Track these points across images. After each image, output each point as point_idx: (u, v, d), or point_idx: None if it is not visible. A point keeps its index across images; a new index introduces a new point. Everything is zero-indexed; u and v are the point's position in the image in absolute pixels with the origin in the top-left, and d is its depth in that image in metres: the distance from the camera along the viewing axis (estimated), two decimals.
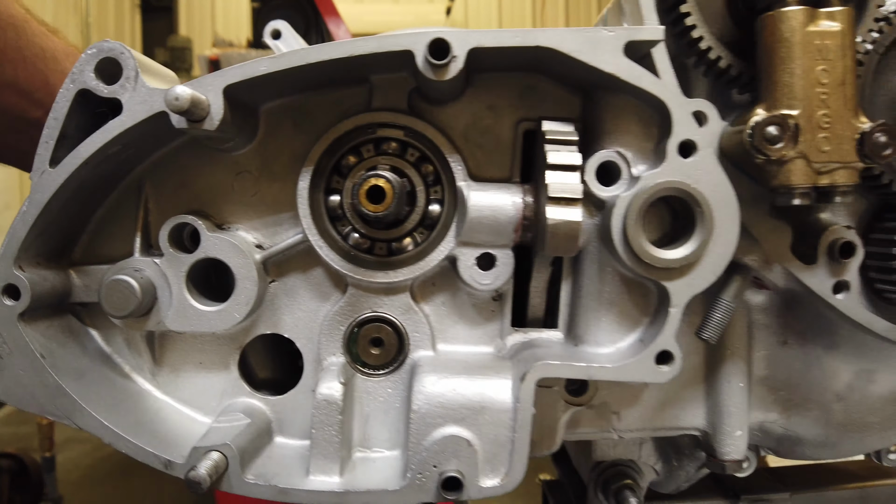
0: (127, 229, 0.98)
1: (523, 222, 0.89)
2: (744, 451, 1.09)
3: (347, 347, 0.99)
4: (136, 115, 0.84)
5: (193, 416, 1.01)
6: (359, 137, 0.94)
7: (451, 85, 0.86)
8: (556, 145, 0.84)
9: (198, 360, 1.02)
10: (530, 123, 0.95)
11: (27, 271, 0.89)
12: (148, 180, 0.98)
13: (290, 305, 1.00)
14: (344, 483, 0.92)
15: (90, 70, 0.85)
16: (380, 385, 1.00)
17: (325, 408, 0.92)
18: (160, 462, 0.91)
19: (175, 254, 0.94)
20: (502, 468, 0.90)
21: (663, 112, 0.86)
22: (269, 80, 0.85)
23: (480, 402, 0.91)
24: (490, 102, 0.95)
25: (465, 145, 0.96)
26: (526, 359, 0.92)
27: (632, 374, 0.88)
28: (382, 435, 1.00)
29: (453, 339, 1.00)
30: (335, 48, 0.83)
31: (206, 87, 0.82)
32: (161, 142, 0.95)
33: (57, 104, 0.86)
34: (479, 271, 0.94)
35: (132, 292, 0.90)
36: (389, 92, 0.94)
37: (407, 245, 0.95)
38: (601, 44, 0.82)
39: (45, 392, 0.90)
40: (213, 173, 0.98)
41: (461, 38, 0.81)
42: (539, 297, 0.97)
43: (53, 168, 0.86)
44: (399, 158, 0.94)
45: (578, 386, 1.04)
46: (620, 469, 1.29)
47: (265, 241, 0.98)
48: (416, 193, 0.94)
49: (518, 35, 0.82)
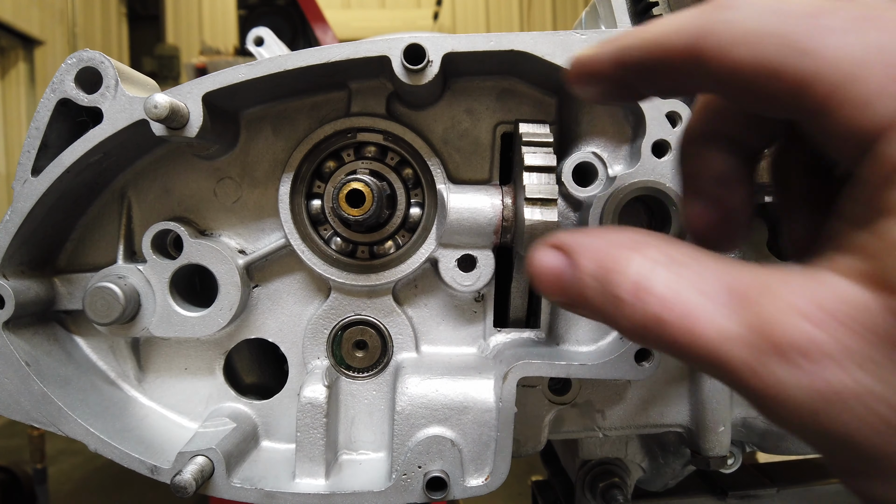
0: (110, 237, 0.99)
1: (502, 223, 0.90)
2: (727, 447, 1.10)
3: (332, 350, 1.00)
4: (116, 124, 0.85)
5: (179, 422, 1.01)
6: (339, 142, 0.95)
7: (429, 89, 0.87)
8: (533, 147, 0.85)
9: (183, 366, 1.02)
10: (508, 126, 0.96)
11: (11, 280, 0.89)
12: (130, 188, 0.98)
13: (274, 310, 1.01)
14: (330, 485, 0.93)
15: (70, 79, 0.86)
16: (364, 387, 1.01)
17: (310, 411, 0.93)
18: (146, 467, 0.91)
19: (158, 260, 0.94)
20: (487, 467, 0.91)
21: (637, 113, 0.87)
22: (247, 87, 0.86)
23: (463, 402, 0.92)
24: (468, 106, 0.96)
25: (444, 148, 0.97)
26: (508, 359, 0.93)
27: (612, 371, 0.89)
28: (367, 437, 1.01)
29: (436, 340, 1.01)
30: (312, 55, 0.84)
31: (185, 94, 0.83)
32: (142, 149, 0.96)
33: (38, 114, 0.87)
34: (461, 273, 0.95)
35: (116, 299, 0.90)
36: (368, 97, 0.95)
37: (389, 248, 0.96)
38: (574, 47, 0.83)
39: (31, 399, 0.91)
40: (195, 180, 0.99)
41: (436, 44, 0.82)
42: (520, 297, 0.98)
43: (35, 177, 0.87)
44: (379, 162, 0.95)
45: (561, 385, 1.05)
46: (607, 468, 1.30)
47: (248, 247, 0.99)
48: (397, 197, 0.95)
49: (492, 39, 0.83)
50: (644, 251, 0.52)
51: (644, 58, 0.56)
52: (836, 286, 0.43)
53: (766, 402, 0.45)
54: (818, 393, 0.43)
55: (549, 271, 0.58)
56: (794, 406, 0.44)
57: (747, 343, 0.45)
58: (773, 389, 0.44)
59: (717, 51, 0.49)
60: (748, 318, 0.45)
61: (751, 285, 0.46)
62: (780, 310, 0.44)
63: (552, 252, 0.59)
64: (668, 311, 0.48)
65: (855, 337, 0.42)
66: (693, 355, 0.47)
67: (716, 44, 0.49)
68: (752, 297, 0.46)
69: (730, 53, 0.48)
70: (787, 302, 0.44)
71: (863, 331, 0.42)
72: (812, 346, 0.43)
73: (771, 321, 0.44)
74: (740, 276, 0.47)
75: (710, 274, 0.48)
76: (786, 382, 0.43)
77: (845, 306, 0.42)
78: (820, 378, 0.42)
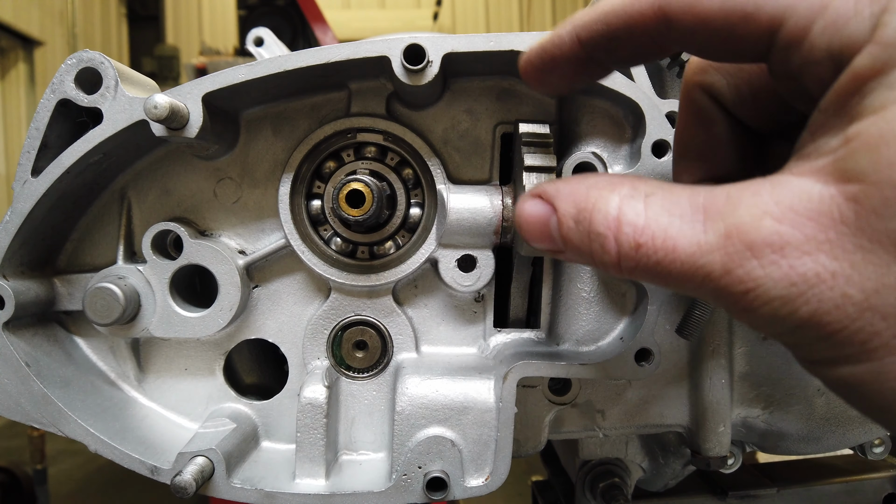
0: (110, 237, 0.99)
1: (503, 223, 0.90)
2: (727, 447, 1.10)
3: (332, 351, 1.00)
4: (116, 124, 0.85)
5: (179, 422, 1.01)
6: (339, 142, 0.95)
7: (428, 90, 0.87)
8: (533, 147, 0.85)
9: (183, 367, 1.02)
10: (508, 126, 0.96)
11: (11, 280, 0.89)
12: (130, 188, 0.98)
13: (274, 310, 1.01)
14: (330, 486, 0.93)
15: (70, 80, 0.86)
16: (364, 388, 1.01)
17: (310, 411, 0.93)
18: (146, 468, 0.91)
19: (158, 261, 0.94)
20: (487, 468, 0.91)
21: (637, 113, 0.87)
22: (247, 88, 0.86)
23: (463, 403, 0.92)
24: (468, 106, 0.96)
25: (444, 149, 0.97)
26: (508, 359, 0.93)
27: (612, 371, 0.89)
28: (368, 437, 1.01)
29: (436, 340, 1.01)
30: (311, 55, 0.84)
31: (185, 95, 0.83)
32: (142, 150, 0.96)
33: (38, 114, 0.87)
34: (461, 273, 0.95)
35: (116, 300, 0.90)
36: (368, 97, 0.95)
37: (389, 248, 0.96)
38: None
39: (31, 400, 0.91)
40: (195, 180, 0.99)
41: (436, 44, 0.82)
42: (520, 297, 0.98)
43: (35, 177, 0.87)
44: (379, 163, 0.95)
45: (561, 385, 1.05)
46: (608, 468, 1.30)
47: (248, 247, 0.99)
48: (397, 197, 0.95)
49: (492, 39, 0.83)
50: (618, 189, 0.56)
51: (607, 29, 0.59)
52: (797, 185, 0.48)
53: (742, 300, 0.49)
54: (789, 281, 0.47)
55: (533, 219, 0.62)
56: (767, 298, 0.48)
57: (722, 249, 0.49)
58: (748, 286, 0.48)
59: (684, 5, 0.53)
60: (720, 227, 0.49)
61: (718, 199, 0.51)
62: (747, 214, 0.48)
63: (535, 201, 0.63)
64: (646, 236, 0.52)
65: (818, 227, 0.46)
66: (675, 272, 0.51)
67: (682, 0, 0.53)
68: (721, 209, 0.50)
69: (697, 6, 0.53)
70: (753, 206, 0.48)
71: (825, 220, 0.46)
72: (780, 241, 0.47)
73: (740, 225, 0.48)
74: (708, 194, 0.51)
75: (679, 198, 0.53)
76: (759, 278, 0.48)
77: (807, 201, 0.47)
78: (789, 268, 0.47)
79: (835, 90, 0.48)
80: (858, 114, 0.46)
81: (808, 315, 0.47)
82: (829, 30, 0.47)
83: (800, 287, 0.47)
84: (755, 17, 0.50)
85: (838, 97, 0.48)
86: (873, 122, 0.45)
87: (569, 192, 0.60)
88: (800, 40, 0.49)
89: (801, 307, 0.47)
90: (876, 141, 0.44)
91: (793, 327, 0.49)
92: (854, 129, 0.46)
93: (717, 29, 0.53)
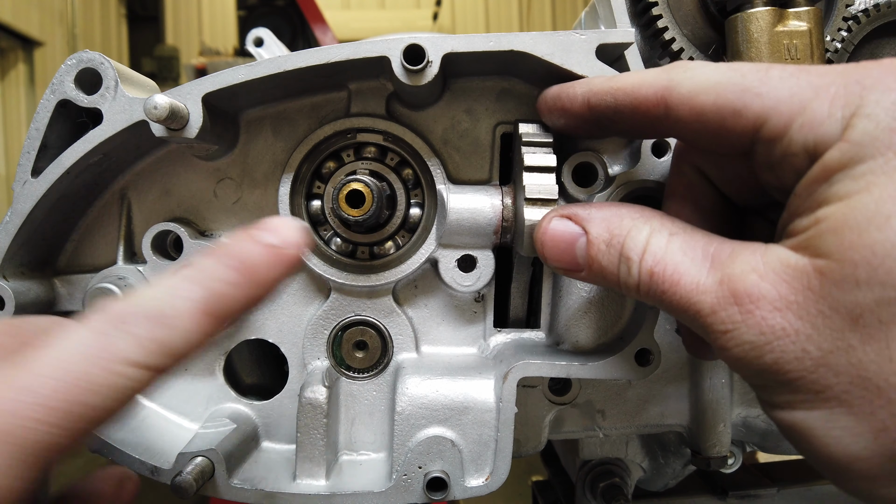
0: (110, 238, 0.99)
1: (502, 223, 0.90)
2: (727, 447, 1.10)
3: (332, 351, 1.00)
4: (116, 125, 0.85)
5: (179, 423, 1.01)
6: (338, 143, 0.95)
7: (428, 90, 0.87)
8: (533, 147, 0.85)
9: (183, 367, 1.02)
10: (508, 126, 0.96)
11: (11, 281, 0.89)
12: (130, 189, 0.98)
13: (274, 310, 1.01)
14: (330, 486, 0.93)
15: (70, 80, 0.86)
16: (364, 388, 1.01)
17: (310, 411, 0.93)
18: (146, 468, 0.91)
19: (158, 261, 0.94)
20: (487, 467, 0.91)
21: None
22: (247, 88, 0.86)
23: (464, 403, 0.92)
24: (467, 106, 0.96)
25: (443, 149, 0.97)
26: (508, 359, 0.93)
27: (612, 371, 0.89)
28: (368, 437, 1.01)
29: (437, 340, 1.01)
30: (311, 55, 0.84)
31: (185, 95, 0.83)
32: (142, 151, 0.96)
33: (38, 115, 0.87)
34: (461, 273, 0.95)
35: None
36: (368, 97, 0.95)
37: (389, 248, 0.96)
38: (573, 47, 0.83)
39: None
40: (195, 181, 0.99)
41: (436, 44, 0.82)
42: (520, 297, 0.98)
43: (35, 178, 0.87)
44: (379, 163, 0.95)
45: (561, 385, 1.06)
46: (608, 468, 1.30)
47: None
48: (397, 197, 0.95)
49: (492, 39, 0.83)
50: (650, 222, 0.66)
51: (615, 103, 0.69)
52: (781, 252, 0.57)
53: (721, 339, 0.58)
54: (759, 330, 0.55)
55: (559, 237, 0.72)
56: (740, 341, 0.57)
57: (714, 293, 0.58)
58: (727, 327, 0.57)
59: (683, 98, 0.62)
60: (718, 274, 0.59)
61: (724, 251, 0.60)
62: (739, 268, 0.58)
63: (564, 220, 0.72)
64: (659, 267, 0.62)
65: (791, 289, 0.54)
66: (674, 303, 0.61)
67: (682, 93, 0.62)
68: (724, 259, 0.59)
69: (694, 100, 0.62)
70: (746, 262, 0.58)
71: (797, 284, 0.54)
72: (758, 294, 0.56)
73: (732, 276, 0.58)
74: (719, 245, 0.61)
75: (696, 243, 0.62)
76: (736, 322, 0.57)
77: (785, 266, 0.55)
78: (762, 318, 0.55)
79: (808, 178, 0.56)
80: (826, 199, 0.54)
81: (772, 361, 0.55)
82: (805, 128, 0.56)
83: (768, 337, 0.55)
84: (743, 113, 0.59)
85: (811, 184, 0.56)
86: (839, 207, 0.53)
87: (602, 218, 0.69)
88: (781, 136, 0.57)
89: (767, 354, 0.55)
90: (840, 224, 0.52)
91: (759, 370, 0.57)
92: (822, 212, 0.54)
93: (710, 121, 0.61)
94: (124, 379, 0.54)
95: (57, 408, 0.51)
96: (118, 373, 0.54)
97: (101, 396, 0.53)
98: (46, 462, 0.51)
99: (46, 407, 0.51)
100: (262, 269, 0.63)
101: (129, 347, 0.55)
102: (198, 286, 0.59)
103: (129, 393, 0.55)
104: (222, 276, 0.61)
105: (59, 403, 0.51)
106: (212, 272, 0.61)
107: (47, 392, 0.51)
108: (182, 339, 0.58)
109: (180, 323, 0.57)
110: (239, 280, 0.61)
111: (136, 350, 0.55)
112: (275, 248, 0.64)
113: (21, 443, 0.50)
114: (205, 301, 0.59)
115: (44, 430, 0.51)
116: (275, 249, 0.64)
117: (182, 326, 0.58)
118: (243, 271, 0.61)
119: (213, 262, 0.61)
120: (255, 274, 0.62)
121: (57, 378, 0.52)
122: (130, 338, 0.55)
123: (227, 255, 0.62)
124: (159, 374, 0.57)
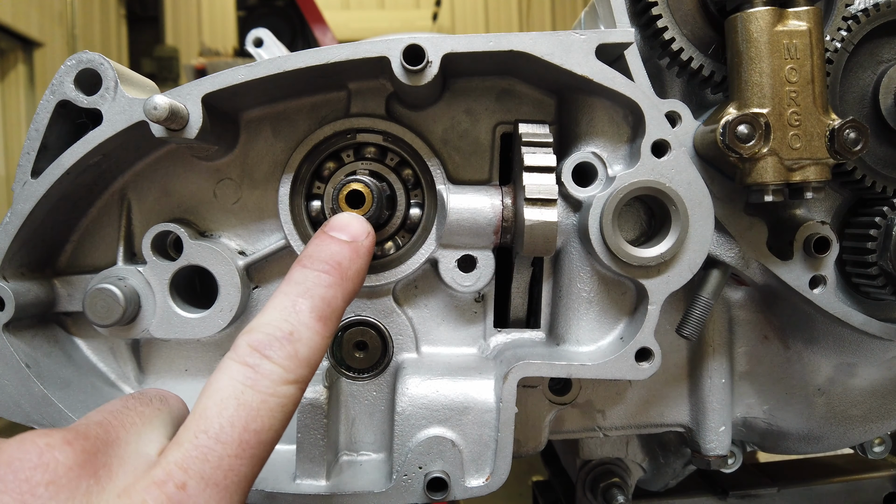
0: (110, 238, 0.99)
1: (502, 224, 0.90)
2: (728, 447, 1.10)
3: (332, 351, 0.99)
4: (116, 125, 0.85)
5: None
6: (338, 143, 0.95)
7: (428, 90, 0.87)
8: (533, 147, 0.85)
9: (183, 367, 1.02)
10: (507, 126, 0.96)
11: (11, 282, 0.89)
12: (130, 189, 0.98)
13: None
14: (330, 486, 0.93)
15: (70, 81, 0.86)
16: (365, 388, 1.01)
17: (310, 412, 0.93)
18: None
19: (158, 262, 0.94)
20: (487, 468, 0.91)
21: (637, 113, 0.87)
22: (247, 88, 0.86)
23: (464, 403, 0.92)
24: (467, 106, 0.96)
25: (443, 149, 0.97)
26: (508, 359, 0.93)
27: (612, 371, 0.89)
28: (368, 437, 1.01)
29: (437, 340, 1.01)
30: (311, 56, 0.84)
31: (185, 96, 0.83)
32: (142, 151, 0.96)
33: (38, 115, 0.87)
34: (461, 273, 0.95)
35: (116, 301, 0.90)
36: (367, 98, 0.95)
37: (389, 249, 0.96)
38: (573, 47, 0.83)
39: (31, 401, 0.91)
40: (195, 181, 0.99)
41: (435, 44, 0.82)
42: (520, 297, 0.98)
43: (35, 179, 0.87)
44: (379, 163, 0.95)
45: (562, 385, 1.05)
46: (608, 468, 1.30)
47: (248, 248, 0.99)
48: (397, 197, 0.95)
49: (492, 40, 0.83)
50: None
51: None
52: None
53: None
54: None
55: None
56: None
57: None
58: None
59: None
60: None
61: None
62: None
63: None
64: None
65: None
66: None
67: None
68: None
69: None
70: None
71: None
72: None
73: None
74: None
75: None
76: None
77: None
78: None
79: None
80: None
81: None
82: None
83: None
84: None
85: None
86: None
87: None
88: None
89: None
90: None
91: None
92: None
93: None
94: (277, 398, 0.63)
95: (230, 441, 0.60)
96: (270, 393, 0.63)
97: (263, 418, 0.62)
98: (243, 493, 0.61)
99: (221, 442, 0.60)
100: (347, 263, 0.72)
101: (273, 369, 0.63)
102: (305, 298, 0.68)
103: (285, 409, 0.64)
104: (319, 281, 0.70)
105: (230, 437, 0.60)
106: (312, 281, 0.69)
107: (216, 430, 0.60)
108: (310, 348, 0.67)
109: (304, 334, 0.66)
110: (333, 280, 0.70)
111: (279, 371, 0.64)
112: (352, 243, 0.73)
113: (215, 480, 0.58)
114: (316, 308, 0.68)
115: (226, 465, 0.59)
116: (352, 244, 0.73)
117: (306, 337, 0.67)
118: (334, 272, 0.71)
119: (307, 272, 0.70)
120: (345, 270, 0.72)
121: (221, 416, 0.61)
122: (269, 362, 0.64)
123: (316, 260, 0.71)
124: (304, 385, 0.66)
